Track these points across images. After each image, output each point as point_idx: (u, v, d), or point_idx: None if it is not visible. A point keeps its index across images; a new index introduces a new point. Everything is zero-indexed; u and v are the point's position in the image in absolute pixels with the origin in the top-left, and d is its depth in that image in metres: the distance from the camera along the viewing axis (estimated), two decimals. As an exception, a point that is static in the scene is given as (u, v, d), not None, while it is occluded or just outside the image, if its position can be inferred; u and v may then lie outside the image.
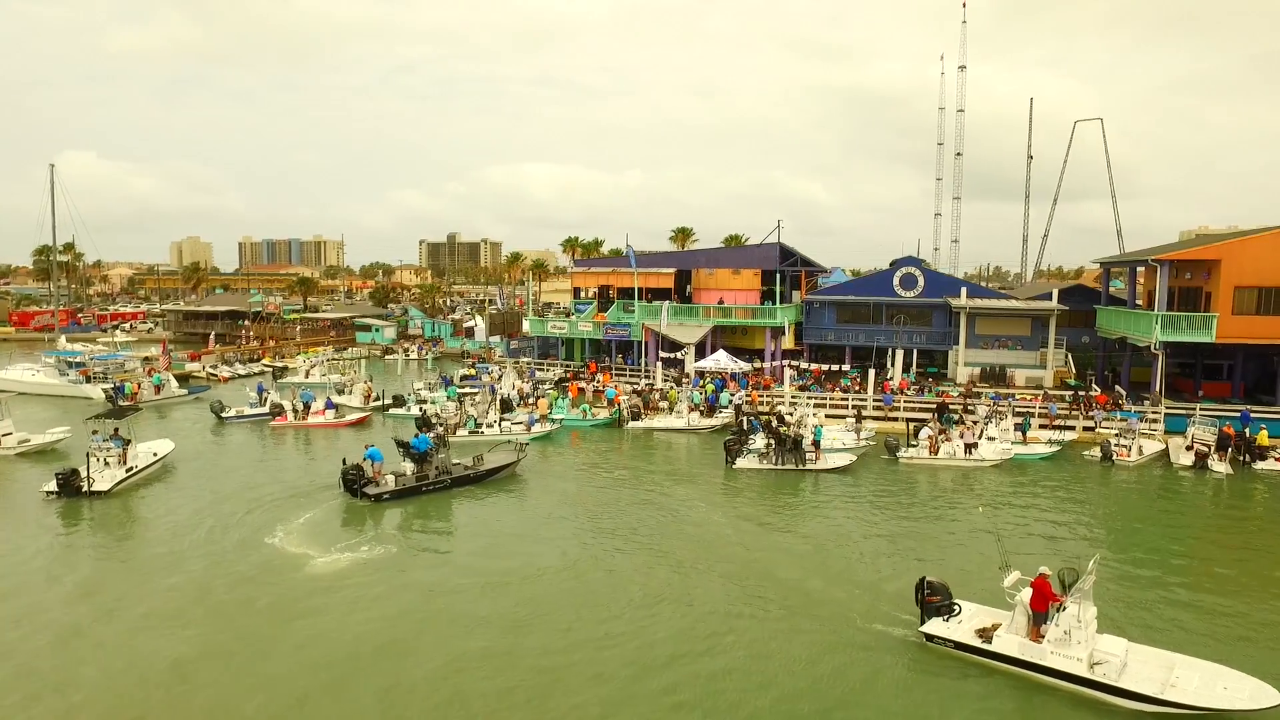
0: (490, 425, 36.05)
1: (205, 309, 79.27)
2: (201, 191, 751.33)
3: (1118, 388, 41.25)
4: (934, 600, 15.85)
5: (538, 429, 36.36)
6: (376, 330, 70.92)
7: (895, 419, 38.46)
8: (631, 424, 38.48)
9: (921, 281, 50.07)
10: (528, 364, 52.14)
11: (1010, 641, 14.83)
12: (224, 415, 39.20)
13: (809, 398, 39.75)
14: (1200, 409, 36.20)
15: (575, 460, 32.93)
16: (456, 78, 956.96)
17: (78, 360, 48.22)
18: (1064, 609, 14.43)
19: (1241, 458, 31.85)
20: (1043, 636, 14.64)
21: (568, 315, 54.61)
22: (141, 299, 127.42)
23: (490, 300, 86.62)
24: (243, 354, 60.00)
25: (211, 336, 60.51)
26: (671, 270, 55.96)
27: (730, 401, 39.68)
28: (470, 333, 70.88)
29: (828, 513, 25.86)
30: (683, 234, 78.21)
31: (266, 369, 57.29)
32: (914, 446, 32.50)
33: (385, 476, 26.63)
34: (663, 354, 45.43)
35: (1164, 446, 33.80)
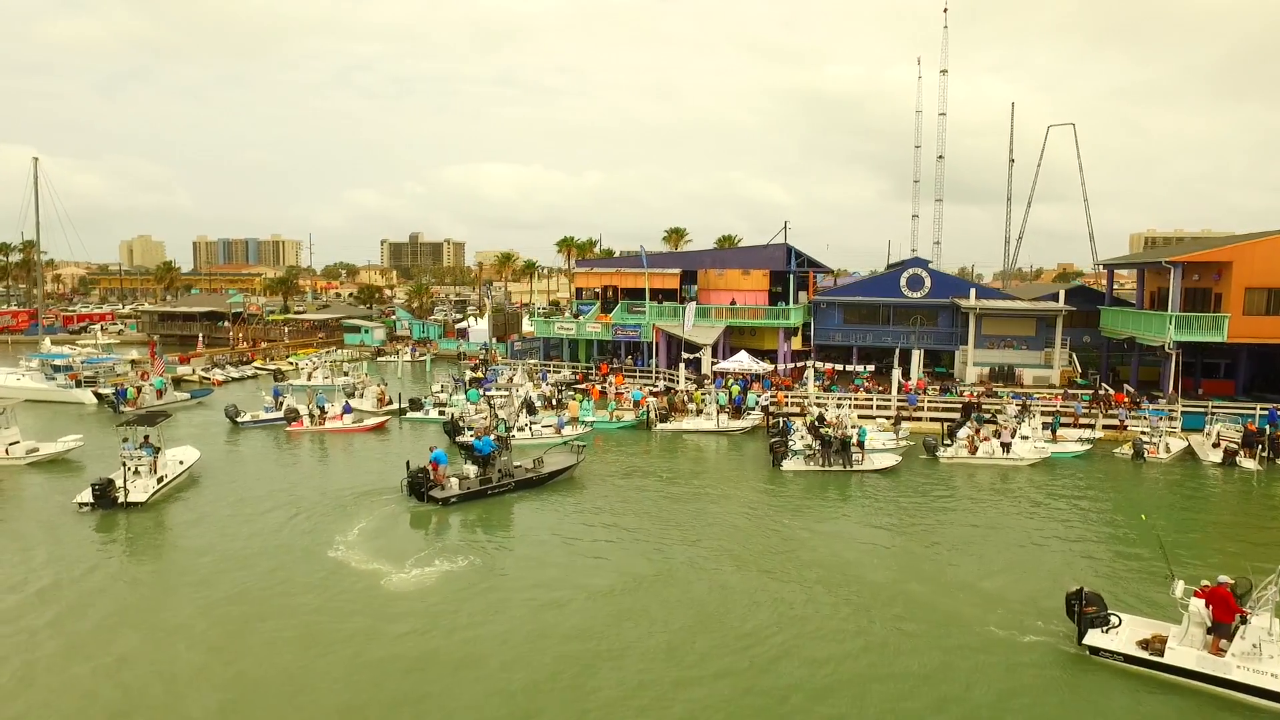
0: (522, 429, 35.33)
1: (183, 310, 76.46)
2: (149, 190, 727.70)
3: (1126, 386, 42.22)
4: (1090, 611, 15.47)
5: (568, 432, 35.77)
6: (365, 331, 69.22)
7: (920, 419, 38.80)
8: (660, 426, 38.11)
9: (928, 282, 50.65)
10: (536, 366, 51.40)
11: (1186, 654, 14.44)
12: (239, 420, 37.74)
13: (835, 399, 39.84)
14: (1212, 405, 37.39)
15: (616, 464, 32.42)
16: (413, 76, 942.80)
17: (65, 364, 46.02)
18: (1248, 621, 14.12)
19: (1266, 454, 32.74)
20: (1224, 649, 14.27)
21: (576, 316, 53.91)
22: (100, 300, 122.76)
23: (480, 301, 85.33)
24: (232, 356, 57.94)
25: (200, 338, 58.29)
26: (677, 271, 55.76)
27: (756, 403, 39.57)
28: (463, 334, 69.65)
29: (892, 513, 25.85)
30: (676, 234, 78.05)
31: (260, 371, 55.52)
32: (948, 446, 32.77)
33: (449, 480, 26.04)
34: (686, 355, 45.08)
35: (1186, 444, 34.62)
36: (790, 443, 31.99)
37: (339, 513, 25.02)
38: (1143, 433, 34.37)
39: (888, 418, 36.85)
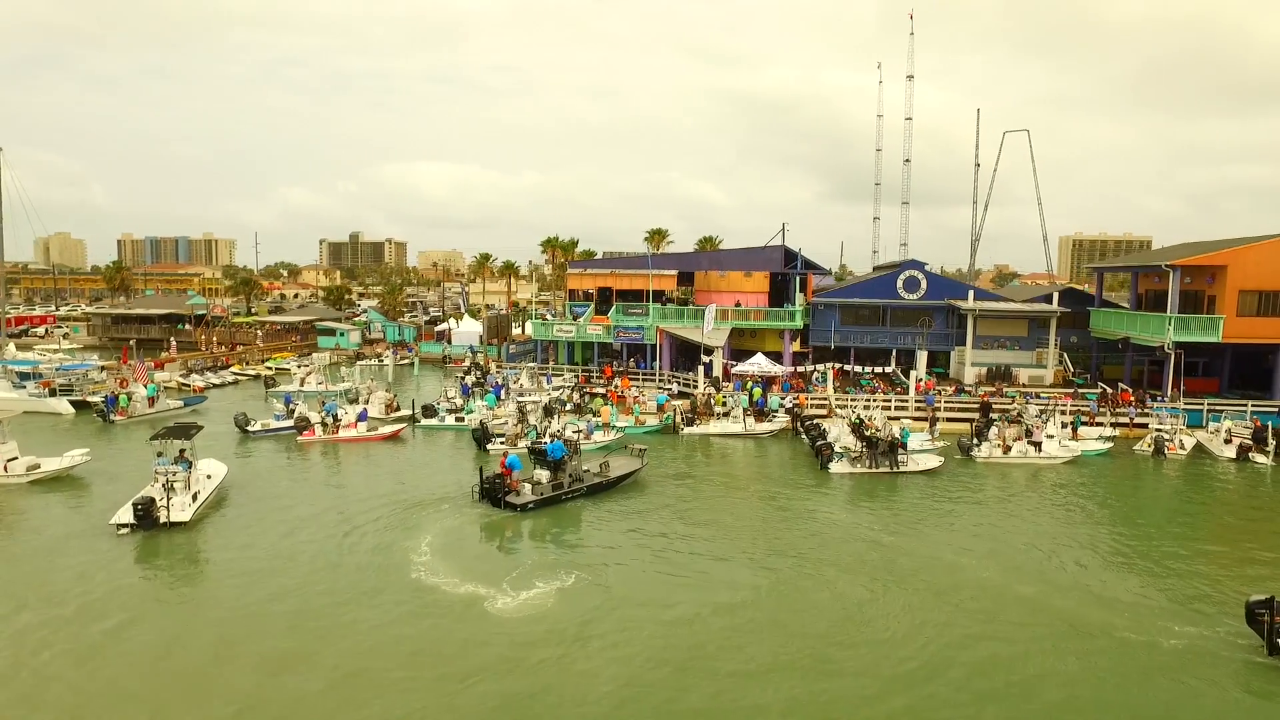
0: (556, 435, 34.41)
1: (139, 312, 72.17)
2: (61, 184, 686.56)
3: (1121, 385, 43.80)
4: (1281, 621, 15.39)
5: (599, 437, 35.09)
6: (341, 334, 66.64)
7: (937, 419, 39.40)
8: (686, 430, 37.73)
9: (924, 284, 51.61)
10: (538, 370, 50.36)
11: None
12: (249, 429, 35.72)
13: (859, 400, 40.18)
14: (1209, 404, 39.21)
15: (659, 469, 31.81)
16: (348, 72, 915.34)
17: (34, 371, 42.89)
18: None
19: (1277, 449, 34.30)
20: None
21: (575, 318, 52.98)
22: (25, 300, 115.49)
23: (444, 302, 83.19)
24: (207, 361, 54.96)
25: (170, 343, 55.02)
26: (674, 272, 55.49)
27: (779, 405, 39.57)
28: (442, 335, 67.76)
29: (960, 514, 26.13)
30: (659, 235, 77.74)
31: (239, 376, 52.89)
32: (982, 445, 33.36)
33: (522, 485, 25.29)
34: (704, 358, 44.75)
35: (1195, 440, 36.07)
36: (832, 445, 32.05)
37: (397, 527, 23.84)
38: (1158, 429, 35.62)
39: (923, 419, 37.32)
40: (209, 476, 27.01)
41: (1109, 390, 41.71)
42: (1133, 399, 40.23)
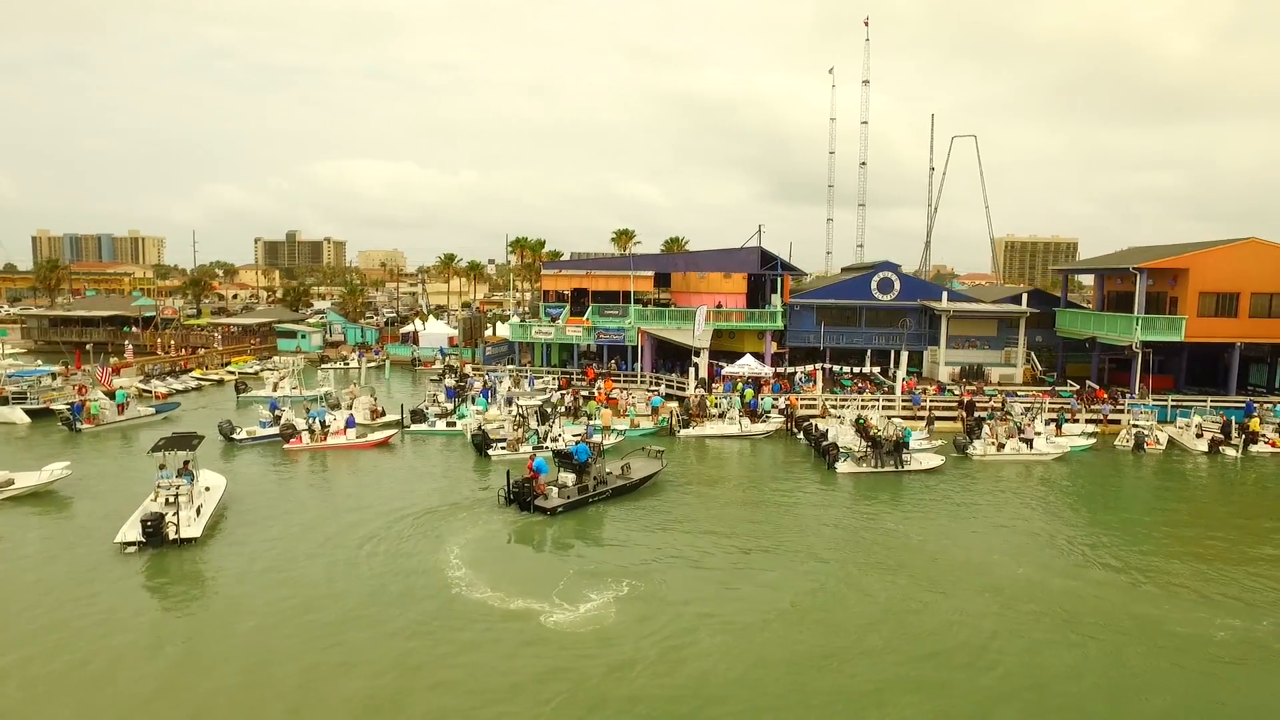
0: (556, 439, 33.96)
1: (80, 314, 68.15)
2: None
3: (1089, 383, 45.62)
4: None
5: (597, 440, 34.68)
6: (302, 337, 64.38)
7: (923, 417, 40.29)
8: (683, 432, 37.70)
9: (898, 285, 52.72)
10: (516, 372, 49.60)
11: None
12: (235, 438, 34.16)
13: (842, 400, 40.77)
14: (1171, 400, 41.20)
15: (668, 471, 31.77)
16: (278, 66, 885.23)
17: (-18, 378, 40.22)
18: None
19: (1242, 443, 36.20)
20: None
21: (554, 320, 52.36)
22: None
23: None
24: (165, 365, 52.34)
25: (129, 347, 52.09)
26: (650, 273, 55.36)
27: (773, 406, 39.88)
28: (411, 338, 66.12)
29: (978, 509, 26.83)
30: (625, 236, 77.38)
31: (201, 382, 50.59)
32: (977, 443, 34.28)
33: (549, 489, 25.13)
34: (695, 360, 44.74)
35: (1167, 435, 37.80)
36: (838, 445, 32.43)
37: (420, 538, 23.10)
38: (1137, 425, 37.19)
39: (920, 418, 38.10)
40: (207, 489, 25.74)
41: (1085, 387, 43.29)
42: (1106, 396, 41.88)
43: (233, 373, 53.92)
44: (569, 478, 25.90)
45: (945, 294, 51.31)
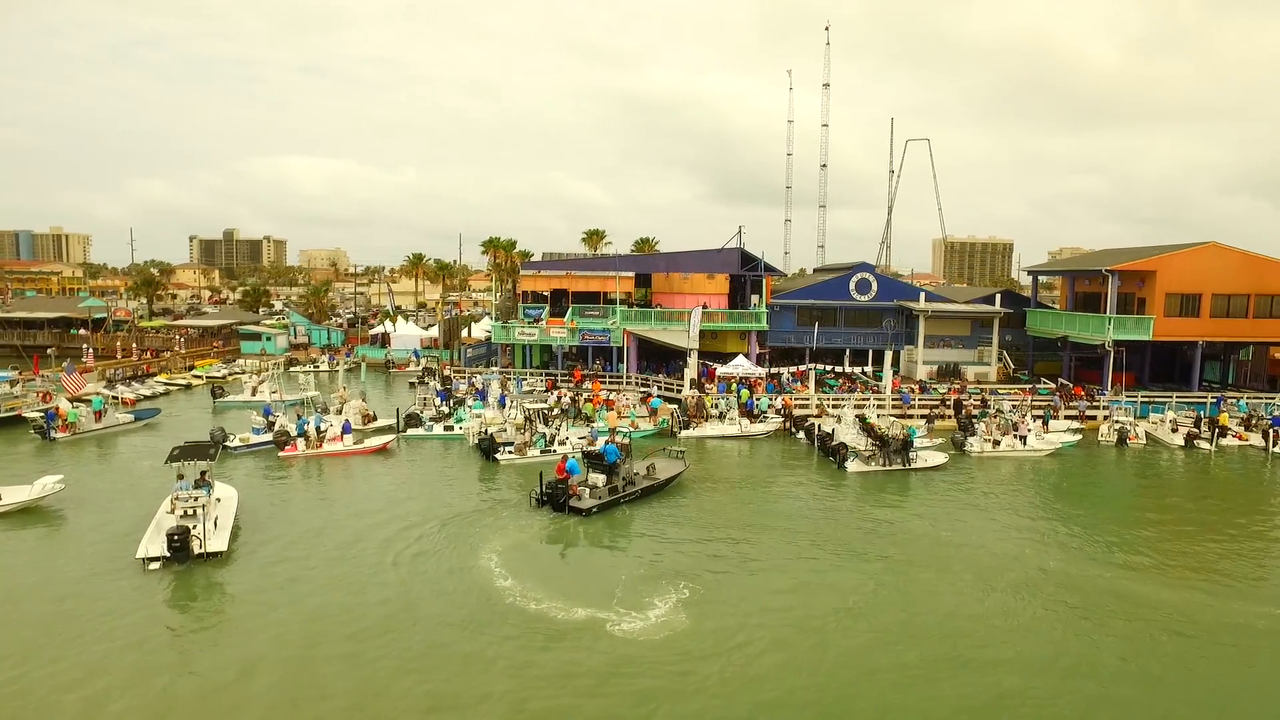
0: (564, 442, 33.67)
1: (20, 315, 64.20)
2: None
3: (1062, 381, 47.36)
4: None
5: (602, 442, 34.49)
6: (268, 339, 62.14)
7: (911, 415, 41.24)
8: (684, 433, 37.75)
9: (875, 286, 53.87)
10: (500, 373, 48.94)
11: None
12: (228, 445, 32.78)
13: (835, 399, 41.43)
14: (1142, 396, 43.17)
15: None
16: (210, 58, 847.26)
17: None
18: None
19: (1214, 437, 38.10)
20: None
21: (536, 321, 51.79)
22: None
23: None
24: (127, 370, 49.88)
25: (90, 351, 49.29)
26: (631, 274, 55.24)
27: (770, 406, 40.26)
28: (381, 340, 64.50)
29: (991, 504, 27.60)
30: (596, 236, 76.88)
31: (170, 386, 48.43)
32: (969, 441, 35.27)
33: (581, 490, 25.15)
34: (692, 361, 44.76)
35: (1143, 430, 39.51)
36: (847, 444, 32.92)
37: (452, 545, 22.59)
38: (1120, 421, 38.78)
39: (923, 416, 38.99)
40: (219, 500, 24.68)
41: (1063, 385, 44.90)
42: (1084, 393, 43.54)
43: (199, 376, 51.79)
44: (599, 478, 25.90)
45: (923, 294, 52.58)
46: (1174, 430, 38.37)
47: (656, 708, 14.51)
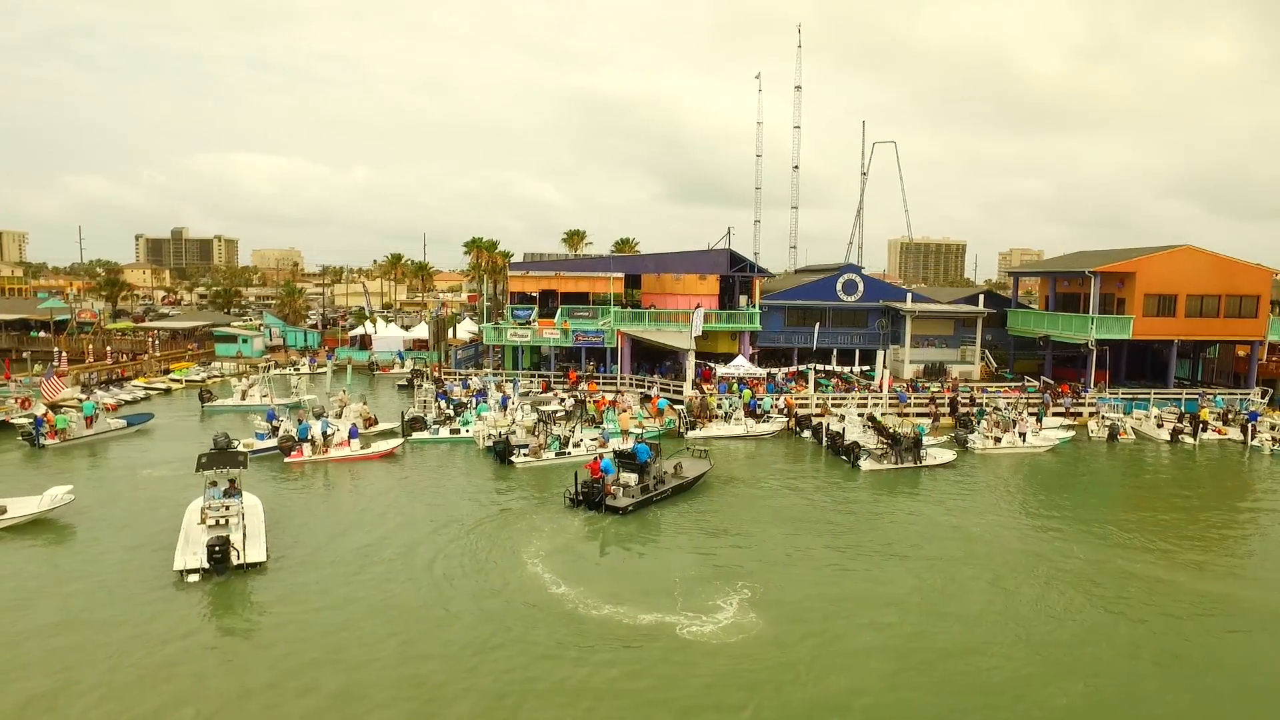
0: (578, 444, 33.52)
1: (-25, 318, 61.24)
2: None
3: (1044, 379, 48.80)
4: None
5: (616, 444, 34.45)
6: (244, 341, 60.39)
7: (907, 414, 42.08)
8: (691, 434, 37.87)
9: (861, 287, 54.78)
10: (499, 375, 48.46)
11: None
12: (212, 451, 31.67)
13: (835, 399, 42.03)
14: (1123, 393, 44.80)
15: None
16: (151, 50, 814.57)
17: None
18: None
19: (1195, 432, 39.67)
20: None
21: (529, 322, 51.33)
22: None
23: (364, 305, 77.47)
24: (102, 374, 47.98)
25: (63, 355, 47.02)
26: (621, 275, 55.18)
27: (772, 406, 40.65)
28: (360, 341, 63.20)
29: (1013, 500, 28.40)
30: (577, 236, 76.42)
31: (149, 390, 46.78)
32: (972, 439, 36.16)
33: (615, 489, 25.51)
34: (694, 362, 44.91)
35: (1130, 425, 40.96)
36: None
37: (489, 549, 22.38)
38: (1106, 417, 40.14)
39: (928, 415, 39.74)
40: (246, 510, 23.96)
41: (1051, 384, 46.24)
42: (1070, 391, 44.93)
43: (178, 380, 50.12)
44: (630, 477, 26.14)
45: (909, 295, 53.63)
46: (1159, 426, 39.85)
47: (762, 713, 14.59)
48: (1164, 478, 33.47)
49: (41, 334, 60.89)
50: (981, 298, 53.89)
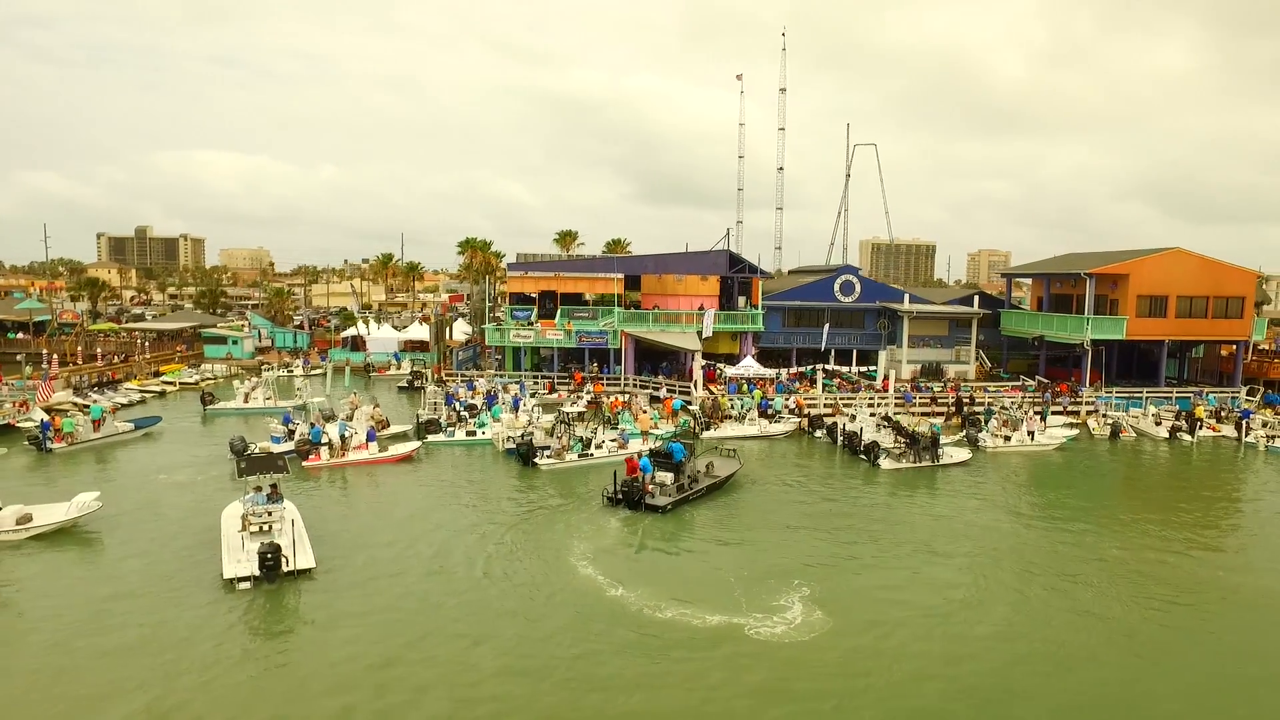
0: (600, 446, 33.46)
1: (-49, 319, 59.16)
2: None
3: (1039, 378, 49.85)
4: None
5: (636, 445, 34.49)
6: (234, 342, 59.21)
7: (913, 413, 42.70)
8: (706, 434, 38.02)
9: (858, 288, 55.45)
10: (500, 376, 48.16)
11: None
12: (249, 455, 31.12)
13: (845, 399, 42.51)
14: (1117, 393, 45.96)
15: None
16: (110, 44, 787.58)
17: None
18: None
19: (1191, 429, 40.80)
20: None
21: (531, 323, 51.09)
22: None
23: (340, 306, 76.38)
24: (91, 377, 46.68)
25: (54, 359, 45.40)
26: (620, 275, 55.18)
27: (784, 406, 40.97)
28: (352, 343, 62.28)
29: (1037, 498, 28.97)
30: (569, 237, 76.12)
31: (144, 394, 45.71)
32: (982, 437, 36.83)
33: (653, 488, 25.77)
34: (704, 362, 45.03)
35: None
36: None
37: (531, 552, 22.33)
38: (1107, 416, 41.15)
39: (942, 415, 40.33)
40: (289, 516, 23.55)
41: (1051, 383, 47.23)
42: (1068, 390, 45.93)
43: (170, 382, 49.02)
44: (666, 476, 26.43)
45: (907, 296, 54.38)
46: (1157, 424, 40.94)
47: (848, 708, 14.77)
48: (1171, 474, 34.42)
49: (19, 335, 59.12)
50: (976, 298, 54.83)
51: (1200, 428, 40.77)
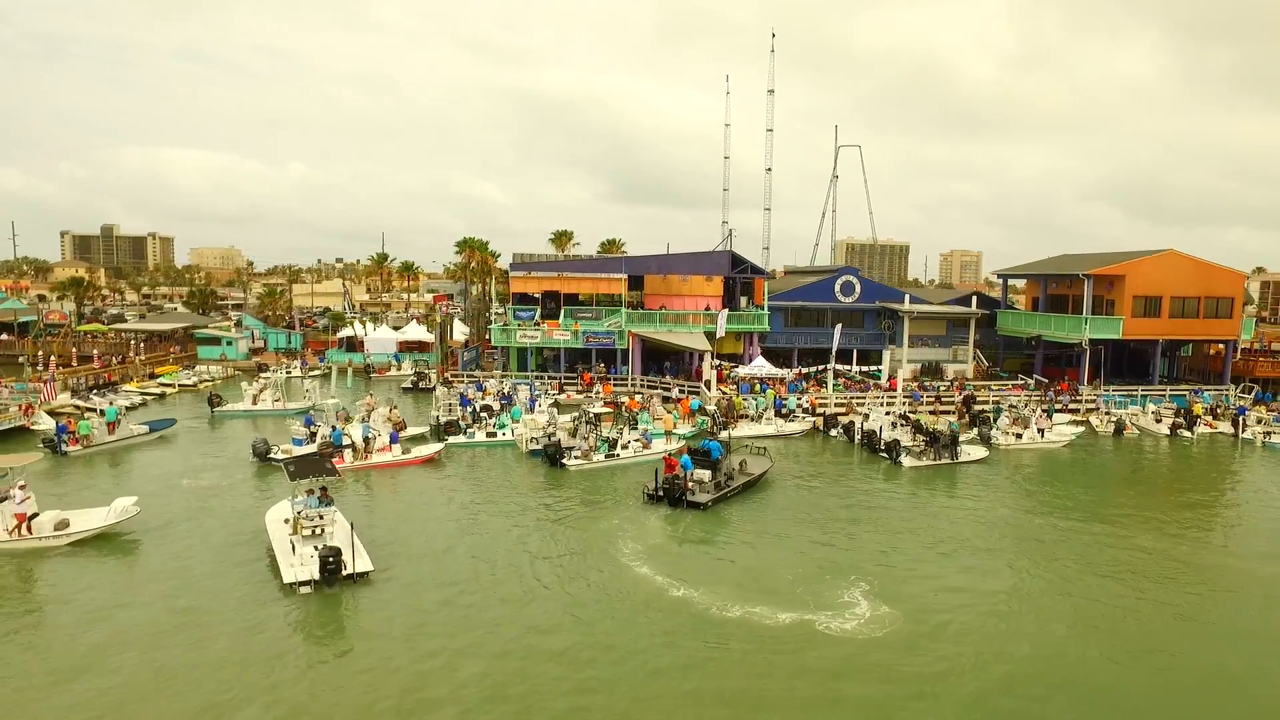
0: (625, 446, 33.53)
1: (-66, 320, 57.27)
2: None
3: (1038, 377, 50.88)
4: None
5: (659, 445, 34.63)
6: (229, 344, 58.18)
7: (919, 412, 43.34)
8: (723, 434, 38.19)
9: (859, 288, 56.15)
10: (507, 377, 47.98)
11: None
12: (270, 457, 30.76)
13: (857, 398, 43.01)
14: (1114, 390, 47.07)
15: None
16: (69, 36, 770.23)
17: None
18: None
19: (1190, 426, 41.97)
20: None
21: (538, 324, 50.95)
22: None
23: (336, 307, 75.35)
24: (88, 379, 45.60)
25: (53, 360, 44.08)
26: (623, 276, 55.25)
27: (797, 405, 41.36)
28: (348, 344, 61.52)
29: (1060, 494, 29.55)
30: (565, 237, 75.85)
31: (145, 395, 44.80)
32: (994, 435, 37.53)
33: (691, 485, 26.06)
34: (714, 362, 45.23)
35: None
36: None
37: (579, 551, 22.41)
38: (1111, 414, 42.14)
39: (949, 413, 40.91)
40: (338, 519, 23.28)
41: (1045, 381, 48.23)
42: (1068, 389, 46.95)
43: (169, 384, 48.11)
44: (704, 474, 26.79)
45: (908, 296, 55.15)
46: (1158, 421, 42.04)
47: (931, 699, 15.07)
48: (1178, 469, 35.35)
49: (4, 337, 57.55)
50: (974, 299, 55.79)
51: (1198, 424, 41.94)
